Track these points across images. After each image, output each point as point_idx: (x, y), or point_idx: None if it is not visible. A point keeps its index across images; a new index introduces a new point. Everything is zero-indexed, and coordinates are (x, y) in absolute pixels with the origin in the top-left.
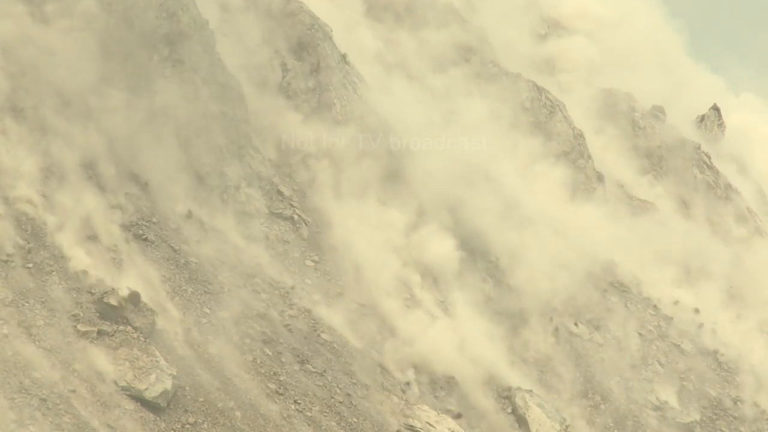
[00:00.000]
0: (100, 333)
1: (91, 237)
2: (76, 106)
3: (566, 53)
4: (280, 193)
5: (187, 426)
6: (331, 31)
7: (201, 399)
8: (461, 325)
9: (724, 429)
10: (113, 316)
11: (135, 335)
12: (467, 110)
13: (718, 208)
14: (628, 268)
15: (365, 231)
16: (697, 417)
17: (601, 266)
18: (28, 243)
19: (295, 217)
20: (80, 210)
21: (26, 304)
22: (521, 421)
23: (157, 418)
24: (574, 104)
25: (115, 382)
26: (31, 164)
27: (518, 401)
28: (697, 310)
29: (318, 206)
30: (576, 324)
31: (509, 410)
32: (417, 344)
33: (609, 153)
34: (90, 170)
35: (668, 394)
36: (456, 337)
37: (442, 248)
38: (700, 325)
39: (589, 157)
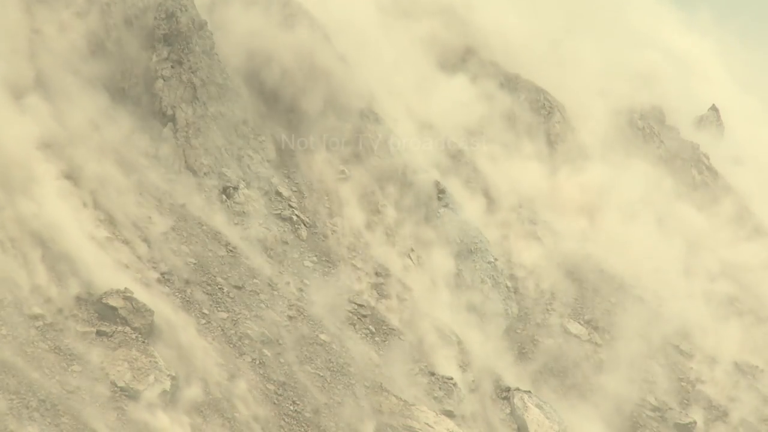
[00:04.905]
0: (98, 333)
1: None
2: None
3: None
4: (279, 194)
5: (186, 427)
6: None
7: (199, 400)
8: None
9: (722, 431)
10: (112, 317)
11: (133, 336)
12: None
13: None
14: (627, 268)
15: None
16: (696, 418)
17: (600, 266)
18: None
19: (294, 218)
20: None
21: (25, 304)
22: (519, 422)
23: (156, 419)
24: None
25: (114, 383)
26: None
27: (516, 402)
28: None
29: (317, 207)
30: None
31: (507, 411)
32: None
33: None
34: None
35: (667, 395)
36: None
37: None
38: (699, 326)
39: (586, 157)
